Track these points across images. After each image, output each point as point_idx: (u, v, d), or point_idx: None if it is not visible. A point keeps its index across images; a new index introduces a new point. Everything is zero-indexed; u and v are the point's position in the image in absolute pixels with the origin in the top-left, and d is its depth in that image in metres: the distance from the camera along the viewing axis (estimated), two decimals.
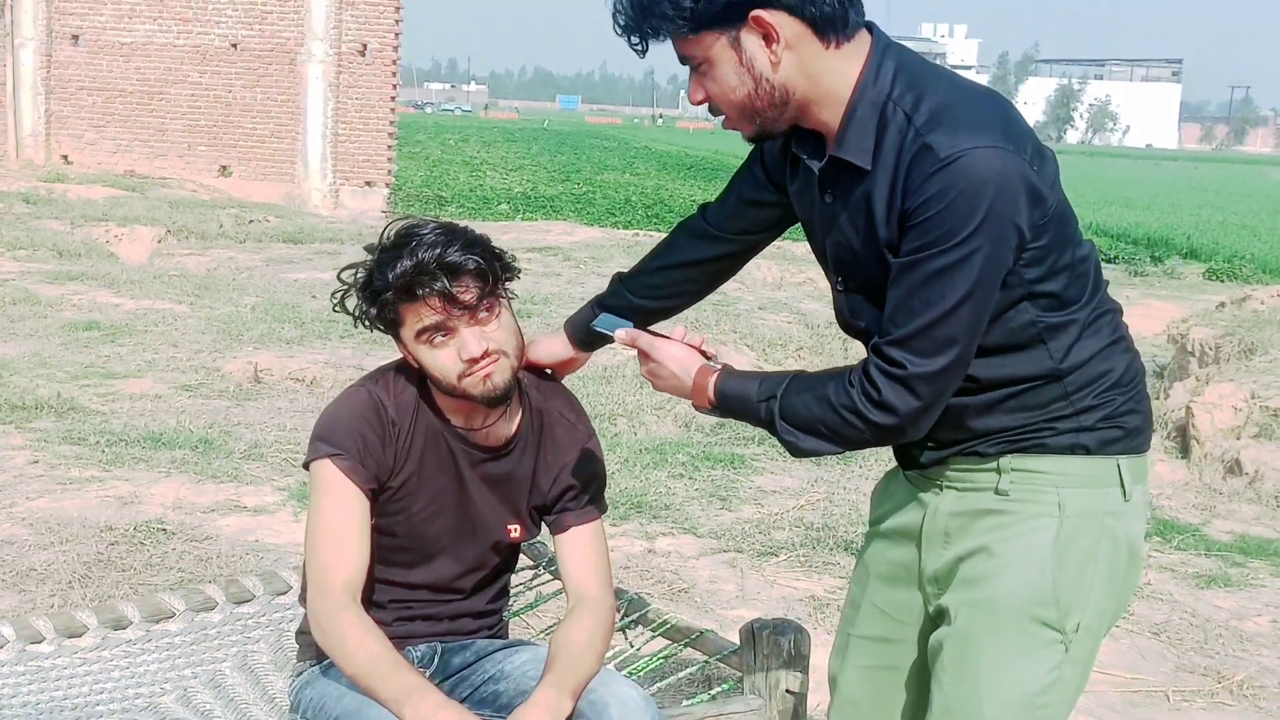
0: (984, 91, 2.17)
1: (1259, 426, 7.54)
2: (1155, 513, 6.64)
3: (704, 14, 2.06)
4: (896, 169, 2.06)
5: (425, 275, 2.41)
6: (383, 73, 21.54)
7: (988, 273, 2.02)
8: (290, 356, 8.97)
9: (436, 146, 48.25)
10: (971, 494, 2.26)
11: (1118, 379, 2.22)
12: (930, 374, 2.06)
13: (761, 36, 2.07)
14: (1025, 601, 2.20)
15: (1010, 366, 2.17)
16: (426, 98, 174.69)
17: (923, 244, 2.02)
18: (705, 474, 6.80)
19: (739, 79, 2.11)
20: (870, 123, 2.09)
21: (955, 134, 2.01)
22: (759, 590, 5.32)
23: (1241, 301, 11.28)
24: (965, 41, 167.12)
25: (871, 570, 2.49)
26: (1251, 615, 5.36)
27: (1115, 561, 2.24)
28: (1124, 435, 2.23)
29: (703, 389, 2.29)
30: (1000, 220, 2.00)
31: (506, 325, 2.53)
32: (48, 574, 4.99)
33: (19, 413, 7.26)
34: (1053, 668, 2.22)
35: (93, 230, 14.92)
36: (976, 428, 2.22)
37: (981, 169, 1.98)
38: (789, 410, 2.18)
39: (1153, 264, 21.28)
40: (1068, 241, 2.14)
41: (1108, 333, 2.22)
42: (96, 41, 21.39)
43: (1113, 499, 2.23)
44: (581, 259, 14.86)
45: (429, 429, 2.60)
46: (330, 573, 2.48)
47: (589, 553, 2.70)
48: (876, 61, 2.11)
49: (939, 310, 2.03)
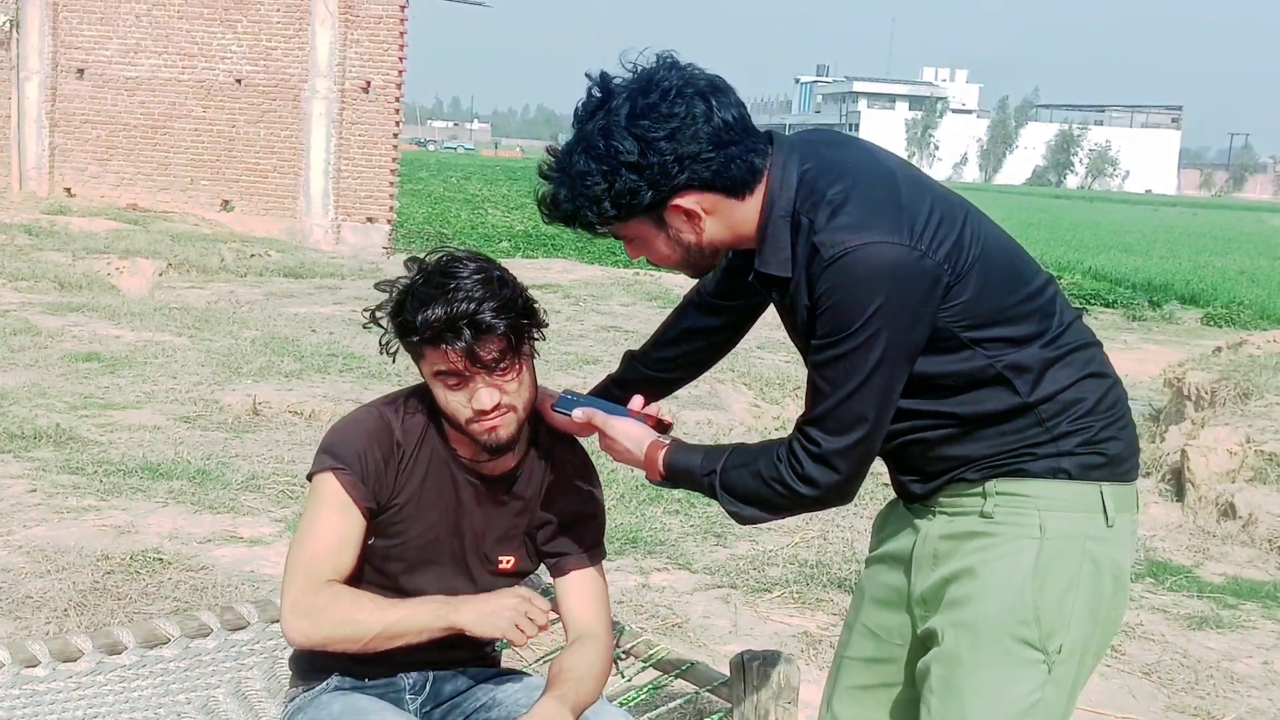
0: (879, 178, 2.27)
1: (1254, 470, 7.57)
2: (1149, 554, 6.66)
3: (626, 215, 2.23)
4: (805, 270, 2.22)
5: (453, 329, 2.41)
6: (386, 110, 21.65)
7: (890, 354, 2.17)
8: (289, 390, 9.01)
9: (439, 184, 48.36)
10: (960, 517, 2.34)
11: (1093, 405, 2.29)
12: (843, 449, 2.22)
13: (684, 215, 2.24)
14: (1007, 621, 2.27)
15: (982, 403, 2.27)
16: (429, 135, 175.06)
17: (823, 333, 2.19)
18: (700, 510, 6.82)
19: (670, 249, 2.31)
20: (783, 234, 2.25)
21: (839, 233, 2.16)
22: (752, 626, 5.33)
23: (1238, 346, 11.32)
24: (966, 86, 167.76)
25: (866, 594, 2.59)
26: (1242, 657, 5.37)
27: (1097, 586, 2.30)
28: (1106, 462, 2.30)
29: (654, 462, 2.44)
30: (892, 306, 2.15)
31: (523, 381, 2.53)
32: (44, 601, 5.01)
33: (18, 442, 7.28)
34: (1036, 688, 2.28)
35: (94, 262, 14.98)
36: (959, 456, 2.31)
37: (864, 265, 2.14)
38: (728, 483, 2.34)
39: (1151, 309, 21.36)
40: (1003, 286, 2.26)
41: (1080, 364, 2.31)
42: (101, 75, 21.51)
43: (1095, 524, 2.30)
44: (582, 296, 14.92)
45: (434, 456, 2.62)
46: (319, 564, 2.51)
47: (590, 595, 2.72)
48: (779, 178, 2.26)
49: (843, 392, 2.19)
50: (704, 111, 2.17)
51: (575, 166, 2.21)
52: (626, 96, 2.19)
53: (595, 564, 2.75)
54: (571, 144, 2.23)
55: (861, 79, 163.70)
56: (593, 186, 2.19)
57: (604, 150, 2.17)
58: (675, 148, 2.16)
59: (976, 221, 2.28)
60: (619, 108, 2.18)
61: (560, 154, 2.25)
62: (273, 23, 21.36)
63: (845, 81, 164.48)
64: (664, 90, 2.17)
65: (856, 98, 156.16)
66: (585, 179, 2.19)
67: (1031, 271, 2.33)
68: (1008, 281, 2.27)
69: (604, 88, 2.22)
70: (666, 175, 2.18)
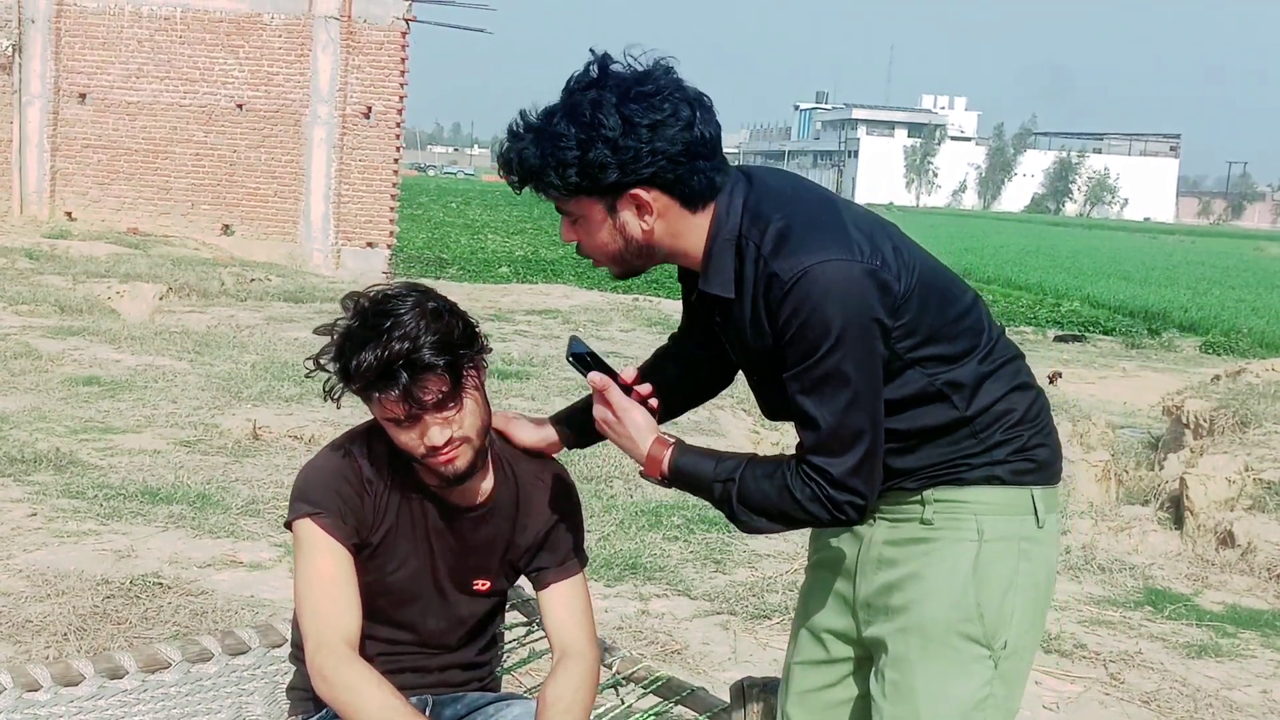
0: (821, 201, 2.35)
1: (1252, 499, 7.58)
2: (1147, 582, 6.66)
3: (586, 188, 2.26)
4: (755, 296, 2.28)
5: (389, 374, 2.38)
6: (386, 135, 21.73)
7: (865, 366, 2.23)
8: (289, 414, 9.02)
9: (439, 209, 48.50)
10: (902, 524, 2.43)
11: (1022, 415, 2.40)
12: (852, 468, 2.26)
13: (635, 207, 2.28)
14: (952, 620, 2.37)
15: (922, 418, 2.35)
16: (430, 160, 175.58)
17: (797, 359, 2.23)
18: (700, 536, 6.82)
19: (610, 238, 2.34)
20: (728, 257, 2.31)
21: (794, 256, 2.21)
22: (751, 652, 5.33)
23: (1237, 374, 11.35)
24: (965, 113, 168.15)
25: (809, 601, 2.64)
26: (1241, 685, 5.37)
27: (1034, 583, 2.42)
28: (1036, 468, 2.41)
29: (657, 460, 2.42)
30: (857, 319, 2.20)
31: (471, 411, 2.50)
32: (44, 626, 5.01)
33: (18, 466, 7.29)
34: (984, 683, 2.38)
35: (95, 286, 15.00)
36: (898, 468, 2.38)
37: (821, 283, 2.19)
38: (747, 494, 2.34)
39: (1150, 336, 21.38)
40: (937, 305, 2.33)
41: (1008, 377, 2.40)
42: (103, 100, 21.59)
43: (1027, 525, 2.41)
44: (580, 322, 14.94)
45: (403, 488, 2.62)
46: (327, 627, 2.51)
47: (571, 607, 2.72)
48: (725, 203, 2.32)
49: (833, 414, 2.24)
50: (688, 118, 2.23)
51: (554, 127, 2.24)
52: (621, 80, 2.24)
53: (576, 574, 2.75)
54: (555, 107, 2.27)
55: (861, 106, 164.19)
56: (565, 150, 2.22)
57: (588, 119, 2.21)
58: (653, 139, 2.21)
59: (910, 245, 2.36)
60: (613, 86, 2.23)
61: (540, 115, 2.28)
62: (274, 48, 21.46)
63: (844, 108, 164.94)
64: (659, 86, 2.23)
65: (855, 124, 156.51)
66: (560, 140, 2.23)
67: (959, 289, 2.41)
68: (941, 301, 2.34)
69: (602, 67, 2.27)
70: (637, 161, 2.22)
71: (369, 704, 2.42)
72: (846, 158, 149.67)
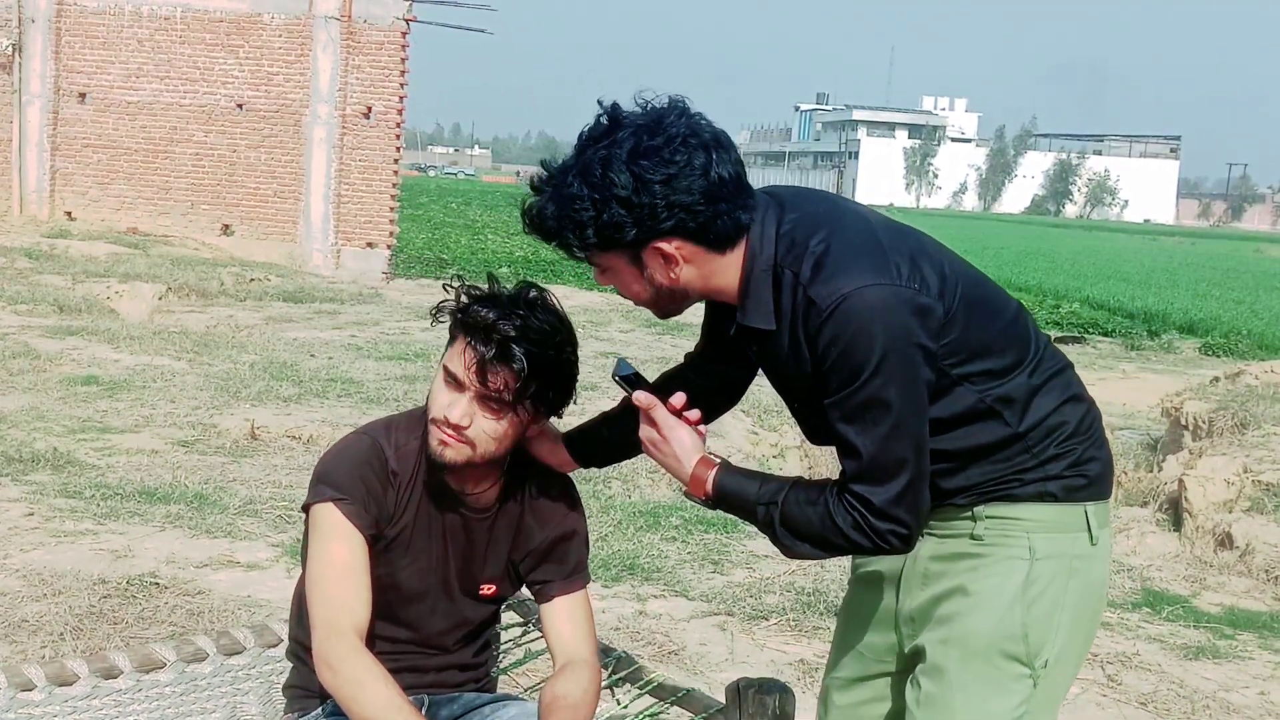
0: (856, 225, 2.30)
1: (1251, 500, 7.57)
2: (1145, 583, 6.66)
3: (606, 246, 2.24)
4: (794, 323, 2.24)
5: (485, 338, 2.43)
6: (386, 135, 21.71)
7: (907, 392, 2.18)
8: (287, 414, 9.01)
9: (439, 209, 48.45)
10: (950, 539, 2.39)
11: (1075, 428, 2.35)
12: (895, 497, 2.22)
13: (662, 259, 2.25)
14: (995, 637, 2.33)
15: (975, 436, 2.31)
16: (430, 161, 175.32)
17: (838, 385, 2.19)
18: (698, 537, 6.82)
19: (642, 287, 2.32)
20: (765, 288, 2.27)
21: (831, 282, 2.17)
22: (749, 653, 5.33)
23: (1236, 376, 11.34)
24: (965, 115, 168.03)
25: (850, 616, 2.62)
26: (1239, 687, 5.37)
27: (1083, 602, 2.38)
28: (1088, 483, 2.36)
29: (701, 481, 2.38)
30: (898, 344, 2.16)
31: (498, 432, 2.52)
32: (40, 625, 5.01)
33: (15, 465, 7.29)
34: (1021, 702, 2.34)
35: (94, 286, 15.00)
36: (948, 487, 2.34)
37: (861, 309, 2.15)
38: (790, 519, 2.30)
39: (1150, 338, 21.37)
40: (981, 320, 2.29)
41: (1060, 390, 2.36)
42: (103, 100, 21.56)
43: (1080, 543, 2.36)
44: (580, 323, 14.85)
45: (426, 486, 2.63)
46: (340, 614, 2.49)
47: (576, 621, 2.72)
48: (758, 234, 2.27)
49: (874, 442, 2.20)
50: (703, 164, 2.19)
51: (568, 188, 2.22)
52: (632, 132, 2.20)
53: (580, 589, 2.75)
54: (569, 165, 2.24)
55: (861, 107, 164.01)
56: (581, 212, 2.20)
57: (599, 179, 2.18)
58: (668, 193, 2.18)
59: (950, 258, 2.32)
60: (623, 141, 2.19)
61: (556, 172, 2.26)
62: (274, 48, 21.43)
63: (845, 109, 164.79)
64: (670, 135, 2.19)
65: (856, 126, 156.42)
66: (575, 202, 2.21)
67: (1003, 301, 2.38)
68: (985, 315, 2.31)
69: (613, 118, 2.23)
70: (654, 218, 2.19)
71: (374, 700, 2.41)
72: (847, 159, 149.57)
